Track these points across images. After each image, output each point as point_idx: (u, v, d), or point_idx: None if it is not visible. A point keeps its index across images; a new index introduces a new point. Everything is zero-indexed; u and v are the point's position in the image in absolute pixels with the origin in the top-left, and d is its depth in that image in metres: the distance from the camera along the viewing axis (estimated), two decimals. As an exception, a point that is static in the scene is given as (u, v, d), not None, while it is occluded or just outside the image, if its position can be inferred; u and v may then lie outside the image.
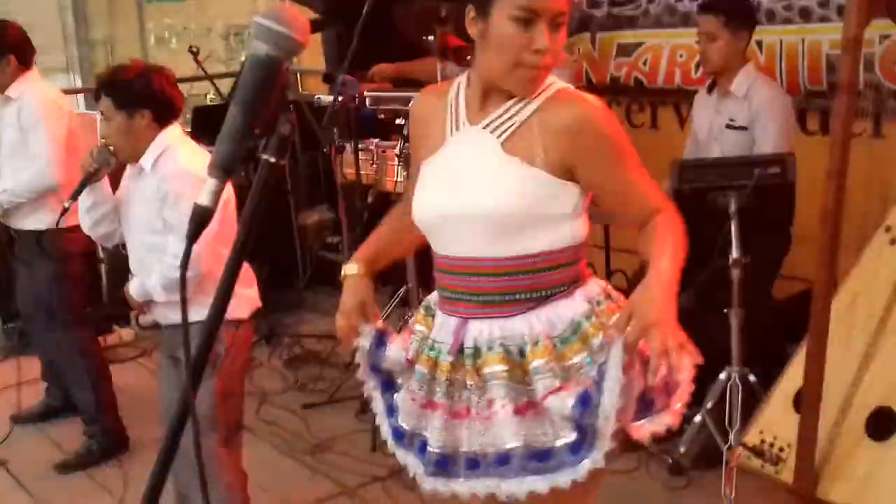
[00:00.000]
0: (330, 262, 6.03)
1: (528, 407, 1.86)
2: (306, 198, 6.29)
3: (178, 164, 2.85)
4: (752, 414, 3.27)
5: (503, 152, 1.87)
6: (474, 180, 1.88)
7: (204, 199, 1.16)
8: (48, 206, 3.87)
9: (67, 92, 5.56)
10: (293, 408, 4.47)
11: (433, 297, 2.09)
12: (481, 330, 1.91)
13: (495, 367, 1.87)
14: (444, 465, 1.94)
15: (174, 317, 3.00)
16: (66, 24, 13.96)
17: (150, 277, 2.92)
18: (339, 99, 3.97)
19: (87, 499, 3.82)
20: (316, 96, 4.91)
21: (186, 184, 2.80)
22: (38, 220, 3.87)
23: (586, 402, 1.79)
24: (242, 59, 13.48)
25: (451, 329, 1.95)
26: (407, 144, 4.39)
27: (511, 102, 1.89)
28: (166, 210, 2.83)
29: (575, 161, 1.85)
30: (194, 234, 1.15)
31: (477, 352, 1.90)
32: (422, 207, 1.99)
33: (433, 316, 2.05)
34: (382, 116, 4.52)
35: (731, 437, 3.25)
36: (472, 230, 1.89)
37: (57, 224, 3.11)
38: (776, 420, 3.15)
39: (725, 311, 3.40)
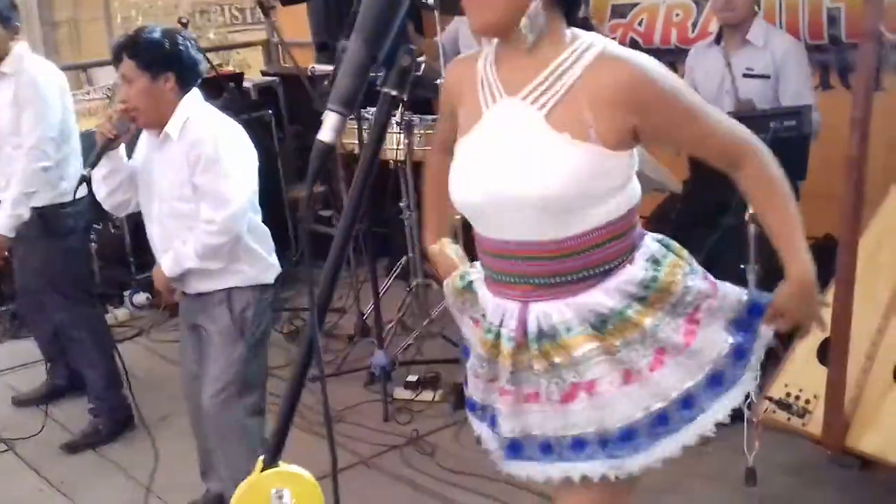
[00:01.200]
0: (322, 236, 5.97)
1: (629, 376, 1.81)
2: (295, 171, 6.21)
3: (209, 129, 2.80)
4: (773, 368, 3.27)
5: (550, 128, 1.74)
6: (521, 161, 1.75)
7: (325, 136, 1.11)
8: (47, 182, 3.77)
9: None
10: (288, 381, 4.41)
11: (472, 272, 2.01)
12: (546, 312, 1.81)
13: (585, 347, 1.79)
14: (517, 449, 1.90)
15: (201, 286, 2.96)
16: (29, 5, 13.71)
17: (183, 245, 2.88)
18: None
19: (97, 477, 3.76)
20: (311, 66, 4.83)
21: (220, 148, 2.75)
22: (38, 198, 3.77)
23: (741, 353, 1.84)
24: (211, 35, 13.33)
25: (509, 313, 1.85)
26: (407, 112, 4.34)
27: (551, 68, 1.75)
28: (198, 176, 2.77)
29: (636, 121, 1.74)
30: (317, 172, 1.10)
31: (542, 335, 1.81)
32: (463, 191, 1.86)
33: (472, 292, 1.97)
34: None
35: (752, 392, 3.26)
36: (521, 216, 1.77)
37: (74, 194, 3.04)
38: (801, 372, 3.15)
39: (743, 267, 3.40)
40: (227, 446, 3.01)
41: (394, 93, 1.15)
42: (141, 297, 5.40)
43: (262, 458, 1.34)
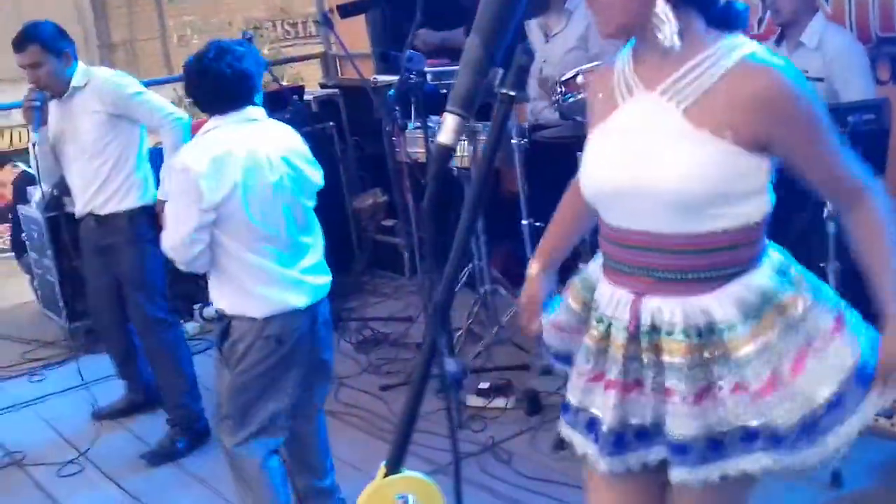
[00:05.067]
0: (386, 245, 6.00)
1: (706, 391, 1.78)
2: (357, 181, 6.25)
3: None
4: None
5: (688, 123, 1.72)
6: (655, 154, 1.74)
7: (446, 138, 1.10)
8: (138, 182, 3.86)
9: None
10: (370, 390, 4.43)
11: (591, 268, 2.00)
12: (660, 307, 1.79)
13: (676, 357, 1.77)
14: (620, 442, 1.87)
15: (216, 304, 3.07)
16: (86, 27, 13.99)
17: None
18: (410, 75, 3.90)
19: (176, 489, 3.81)
20: (373, 77, 4.85)
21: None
22: (133, 199, 3.86)
23: (839, 405, 1.76)
24: (265, 51, 13.46)
25: (625, 303, 1.84)
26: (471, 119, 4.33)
27: (690, 65, 1.73)
28: None
29: (769, 134, 1.71)
30: (437, 174, 1.10)
31: (654, 329, 1.80)
32: (593, 180, 1.86)
33: (593, 288, 1.95)
34: (445, 91, 4.45)
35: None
36: (651, 207, 1.75)
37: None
38: (888, 371, 3.08)
39: (822, 265, 3.34)
40: (230, 470, 3.09)
41: (512, 93, 1.14)
42: (211, 311, 5.44)
43: (384, 463, 1.34)
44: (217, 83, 2.91)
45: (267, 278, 2.95)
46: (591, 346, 1.90)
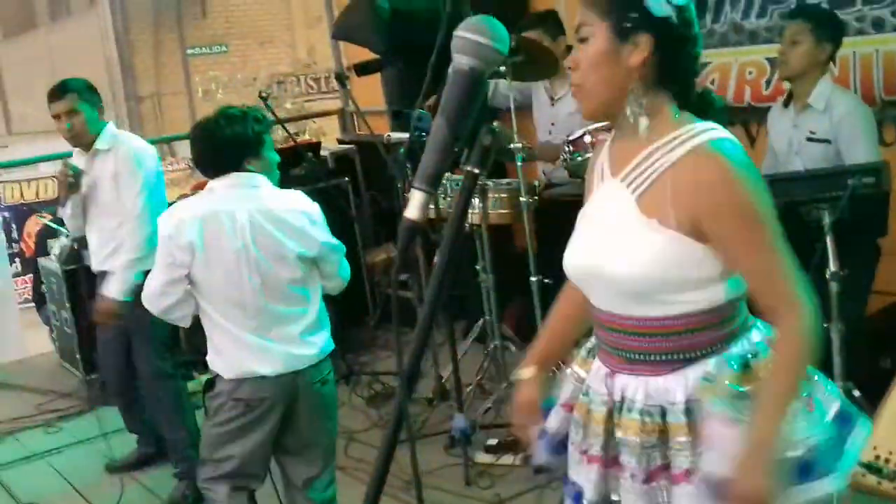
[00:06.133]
0: (399, 300, 6.03)
1: (660, 472, 1.80)
2: (371, 236, 6.32)
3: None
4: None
5: (639, 212, 1.76)
6: (612, 241, 1.79)
7: (412, 213, 1.16)
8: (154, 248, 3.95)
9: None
10: (380, 445, 4.43)
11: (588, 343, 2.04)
12: (627, 385, 1.85)
13: (630, 435, 1.81)
14: None
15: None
16: (114, 81, 14.29)
17: None
18: (420, 134, 3.98)
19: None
20: (386, 134, 4.93)
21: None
22: (146, 262, 3.93)
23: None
24: (288, 105, 13.69)
25: (601, 379, 1.90)
26: (482, 176, 4.41)
27: (646, 152, 1.77)
28: None
29: (702, 221, 1.70)
30: (405, 249, 1.15)
31: (623, 405, 1.84)
32: (567, 261, 1.93)
33: (594, 359, 1.99)
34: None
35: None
36: (609, 291, 1.82)
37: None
38: (890, 435, 3.08)
39: (826, 325, 3.35)
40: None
41: (476, 170, 1.19)
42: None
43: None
44: (207, 148, 3.06)
45: (234, 341, 3.00)
46: (578, 419, 1.95)
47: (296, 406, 3.08)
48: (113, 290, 3.91)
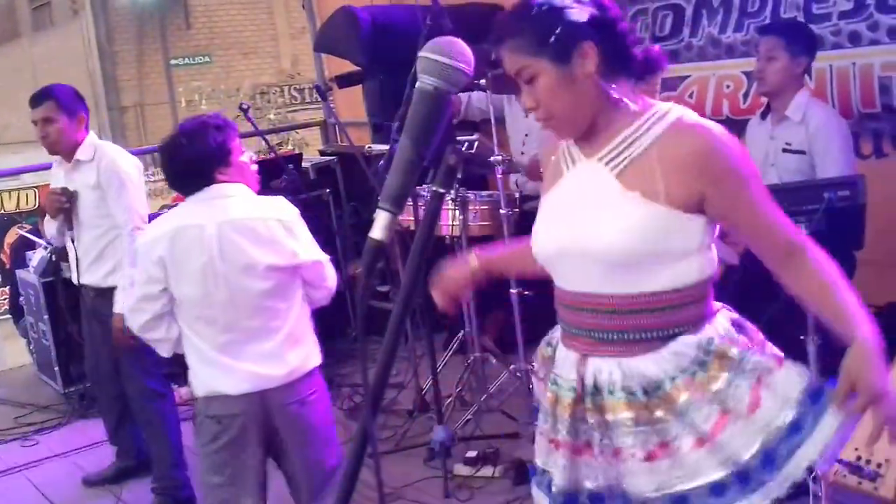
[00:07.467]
0: (380, 311, 6.03)
1: (660, 449, 1.82)
2: (353, 247, 6.31)
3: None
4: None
5: (621, 186, 1.81)
6: (592, 216, 1.83)
7: (377, 233, 1.16)
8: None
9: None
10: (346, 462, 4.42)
11: (556, 330, 2.05)
12: (600, 369, 1.85)
13: (620, 414, 1.82)
14: (571, 503, 1.91)
15: None
16: (97, 91, 14.24)
17: None
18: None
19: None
20: (367, 146, 4.94)
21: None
22: (119, 276, 3.93)
23: (797, 429, 1.79)
24: (271, 116, 13.69)
25: (571, 364, 1.91)
26: (462, 188, 4.42)
27: (626, 133, 1.83)
28: None
29: (702, 192, 1.78)
30: (370, 268, 1.15)
31: (597, 390, 1.85)
32: (539, 241, 1.96)
33: (555, 349, 2.01)
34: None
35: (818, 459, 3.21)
36: (589, 267, 1.84)
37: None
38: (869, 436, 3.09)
39: (802, 338, 3.36)
40: None
41: (441, 191, 1.20)
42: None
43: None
44: (172, 171, 3.03)
45: (203, 358, 2.97)
46: (546, 406, 1.97)
47: (276, 428, 3.01)
48: (117, 306, 3.89)
